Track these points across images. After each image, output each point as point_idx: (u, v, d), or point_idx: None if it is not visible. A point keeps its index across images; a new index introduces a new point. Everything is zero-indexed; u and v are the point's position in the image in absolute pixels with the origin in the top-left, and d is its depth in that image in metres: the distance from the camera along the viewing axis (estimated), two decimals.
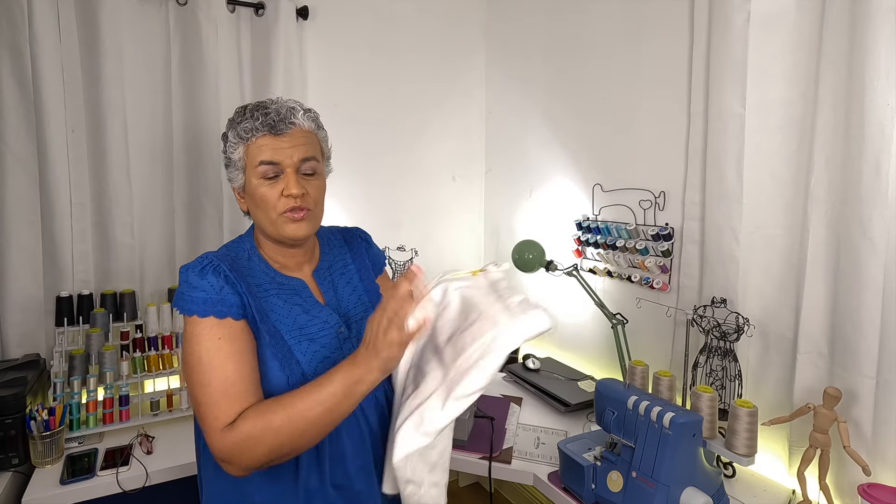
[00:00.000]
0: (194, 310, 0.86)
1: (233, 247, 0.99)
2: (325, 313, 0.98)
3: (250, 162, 0.93)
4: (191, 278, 0.88)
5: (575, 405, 1.62)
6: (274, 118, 0.92)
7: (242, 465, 0.81)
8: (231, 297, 0.88)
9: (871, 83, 1.09)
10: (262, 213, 0.94)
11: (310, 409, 0.80)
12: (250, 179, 0.93)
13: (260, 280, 0.95)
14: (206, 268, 0.89)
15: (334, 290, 1.04)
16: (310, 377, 0.89)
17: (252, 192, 0.94)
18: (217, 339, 0.85)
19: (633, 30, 1.67)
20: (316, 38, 1.99)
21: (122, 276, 1.72)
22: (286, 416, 0.80)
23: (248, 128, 0.92)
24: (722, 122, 1.37)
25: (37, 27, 1.51)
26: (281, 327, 0.92)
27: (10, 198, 1.56)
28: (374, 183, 2.18)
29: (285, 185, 0.92)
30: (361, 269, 1.11)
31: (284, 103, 0.95)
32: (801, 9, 1.23)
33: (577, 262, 1.85)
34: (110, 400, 1.42)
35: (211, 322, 0.86)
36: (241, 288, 0.90)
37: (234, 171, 0.95)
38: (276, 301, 0.94)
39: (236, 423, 0.81)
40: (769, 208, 1.33)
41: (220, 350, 0.85)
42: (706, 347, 1.39)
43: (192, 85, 1.76)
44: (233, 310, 0.88)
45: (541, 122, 2.07)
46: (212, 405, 0.82)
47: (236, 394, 0.83)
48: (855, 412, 1.16)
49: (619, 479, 1.15)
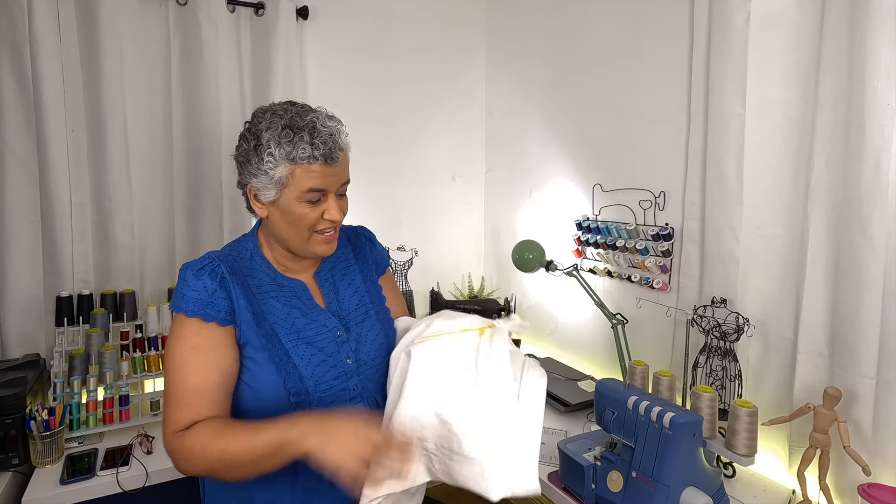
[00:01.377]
0: (183, 307, 0.88)
1: (236, 246, 0.99)
2: (324, 317, 0.98)
3: (295, 184, 0.89)
4: (187, 276, 0.89)
5: (575, 405, 1.62)
6: (331, 146, 0.89)
7: (182, 469, 0.86)
8: (222, 301, 0.89)
9: (871, 83, 1.09)
10: (295, 231, 0.93)
11: (241, 453, 0.80)
12: (289, 198, 0.90)
13: (260, 281, 0.95)
14: (205, 268, 0.89)
15: (335, 291, 1.04)
16: (307, 381, 0.90)
17: (289, 210, 0.91)
18: (190, 347, 0.87)
19: (633, 29, 1.67)
20: (316, 37, 1.99)
21: (122, 276, 1.72)
22: (220, 451, 0.81)
23: (304, 155, 0.87)
24: (722, 122, 1.37)
25: (37, 27, 1.51)
26: (279, 330, 0.92)
27: (10, 198, 1.56)
28: (374, 183, 2.18)
29: (327, 208, 0.92)
30: (364, 269, 1.10)
31: (329, 124, 0.91)
32: (801, 9, 1.23)
33: (577, 262, 1.85)
34: (110, 400, 1.42)
35: (195, 324, 0.88)
36: (237, 293, 0.90)
37: (266, 183, 0.90)
38: (275, 304, 0.94)
39: (186, 432, 0.84)
40: (769, 208, 1.33)
41: (189, 360, 0.87)
42: (706, 347, 1.39)
43: (192, 85, 1.76)
44: (220, 315, 0.88)
45: (541, 122, 2.07)
46: (171, 407, 0.86)
47: (190, 405, 0.85)
48: (855, 412, 1.16)
49: (619, 479, 1.15)
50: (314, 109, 0.93)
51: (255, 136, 0.90)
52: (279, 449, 0.78)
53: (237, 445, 0.80)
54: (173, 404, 0.86)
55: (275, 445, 0.78)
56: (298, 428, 0.78)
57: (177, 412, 0.85)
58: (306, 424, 0.78)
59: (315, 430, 0.77)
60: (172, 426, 0.85)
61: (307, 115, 0.90)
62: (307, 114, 0.90)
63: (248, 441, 0.79)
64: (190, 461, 0.83)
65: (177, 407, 0.85)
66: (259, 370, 0.90)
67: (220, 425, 0.84)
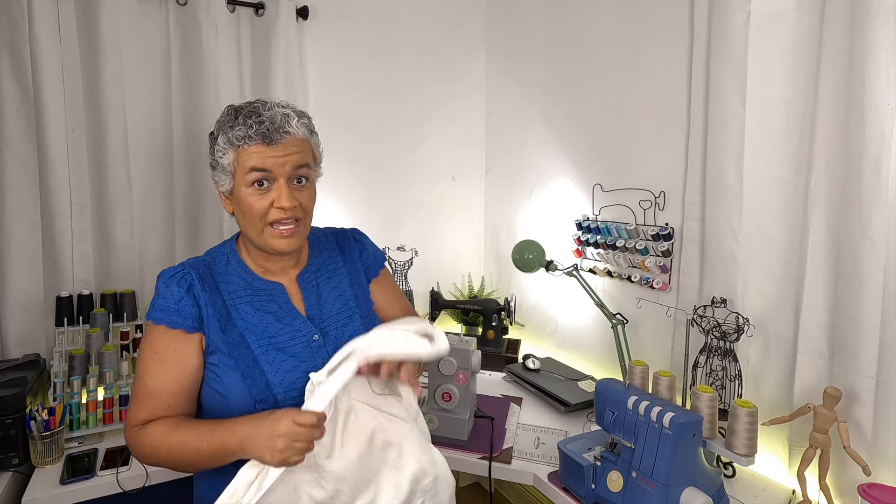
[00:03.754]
0: (152, 315, 0.91)
1: (215, 252, 1.00)
2: (299, 321, 0.96)
3: (240, 168, 0.90)
4: (159, 284, 0.92)
5: (575, 405, 1.62)
6: (269, 127, 0.88)
7: (141, 458, 0.91)
8: (189, 309, 0.90)
9: (871, 83, 1.09)
10: (249, 223, 0.92)
11: (187, 454, 0.86)
12: (239, 186, 0.91)
13: (234, 287, 0.95)
14: (174, 277, 0.92)
15: (318, 295, 1.02)
16: (275, 388, 0.90)
17: (240, 200, 0.92)
18: (153, 352, 0.91)
19: (633, 30, 1.67)
20: (316, 38, 1.99)
21: (122, 276, 1.72)
22: (170, 448, 0.87)
23: (239, 135, 0.88)
24: (722, 122, 1.37)
25: (37, 27, 1.51)
26: (248, 336, 0.92)
27: (10, 198, 1.56)
28: (375, 182, 2.18)
29: (276, 196, 0.90)
30: (352, 273, 1.09)
31: (278, 109, 0.91)
32: (801, 9, 1.23)
33: (577, 262, 1.85)
34: (110, 400, 1.42)
35: (161, 331, 0.91)
36: (204, 300, 0.91)
37: (221, 174, 0.93)
38: (247, 309, 0.94)
39: (144, 427, 0.90)
40: (769, 208, 1.33)
41: (151, 364, 0.91)
42: (706, 347, 1.39)
43: (192, 85, 1.76)
44: (186, 322, 0.90)
45: (541, 122, 2.07)
46: (132, 403, 0.92)
47: (148, 405, 0.90)
48: (855, 412, 1.16)
49: (619, 479, 1.15)
50: (274, 103, 0.93)
51: (212, 132, 0.95)
52: (220, 456, 0.85)
53: (183, 447, 0.87)
54: (134, 402, 0.92)
55: (216, 452, 0.85)
56: (236, 437, 0.83)
57: (136, 410, 0.91)
58: (243, 433, 0.83)
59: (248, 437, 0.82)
60: (132, 420, 0.91)
61: (255, 104, 0.92)
62: (256, 104, 0.92)
63: (194, 444, 0.86)
64: (144, 454, 0.90)
65: (137, 405, 0.91)
66: (226, 377, 0.91)
67: (172, 424, 0.89)
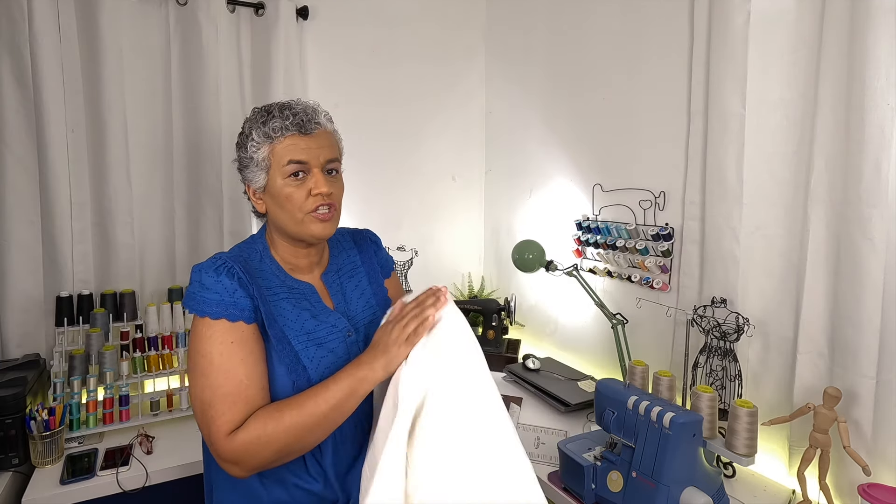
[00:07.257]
0: (207, 311, 0.86)
1: (245, 248, 0.99)
2: (334, 318, 0.98)
3: (276, 161, 0.92)
4: (204, 279, 0.88)
5: (575, 405, 1.62)
6: (303, 118, 0.92)
7: (250, 466, 0.82)
8: (244, 300, 0.88)
9: (871, 83, 1.09)
10: (287, 214, 0.93)
11: (318, 406, 0.83)
12: (275, 179, 0.93)
13: (271, 283, 0.95)
14: (220, 269, 0.88)
15: (343, 293, 1.04)
16: (315, 382, 0.90)
17: (277, 192, 0.93)
18: (230, 342, 0.85)
19: (633, 29, 1.67)
20: (316, 38, 1.99)
21: (122, 276, 1.72)
22: (297, 413, 0.82)
23: (276, 127, 0.91)
24: (722, 122, 1.37)
25: (37, 27, 1.51)
26: (288, 332, 0.92)
27: (10, 198, 1.56)
28: (375, 182, 2.18)
29: (314, 184, 0.92)
30: (370, 271, 1.11)
31: (307, 103, 0.96)
32: (801, 9, 1.23)
33: (577, 262, 1.85)
34: (110, 400, 1.42)
35: (223, 325, 0.86)
36: (253, 291, 0.89)
37: (255, 171, 0.94)
38: (285, 305, 0.94)
39: (246, 425, 0.82)
40: (769, 208, 1.33)
41: (234, 354, 0.85)
42: (706, 347, 1.39)
43: (192, 85, 1.76)
44: (245, 313, 0.87)
45: (541, 122, 2.07)
46: (222, 408, 0.82)
47: (247, 398, 0.84)
48: (855, 412, 1.16)
49: (619, 479, 1.15)
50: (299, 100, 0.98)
51: (242, 132, 0.97)
52: (355, 388, 0.84)
53: (312, 402, 0.83)
54: (225, 404, 0.82)
55: (351, 386, 0.84)
56: (362, 366, 0.85)
57: (225, 413, 0.82)
58: (366, 358, 0.86)
59: (376, 355, 0.85)
60: (228, 426, 0.81)
61: (283, 102, 0.96)
62: (284, 101, 0.96)
63: (324, 395, 0.83)
64: (264, 449, 0.81)
65: (232, 404, 0.82)
66: (271, 370, 0.90)
67: (272, 410, 0.84)
